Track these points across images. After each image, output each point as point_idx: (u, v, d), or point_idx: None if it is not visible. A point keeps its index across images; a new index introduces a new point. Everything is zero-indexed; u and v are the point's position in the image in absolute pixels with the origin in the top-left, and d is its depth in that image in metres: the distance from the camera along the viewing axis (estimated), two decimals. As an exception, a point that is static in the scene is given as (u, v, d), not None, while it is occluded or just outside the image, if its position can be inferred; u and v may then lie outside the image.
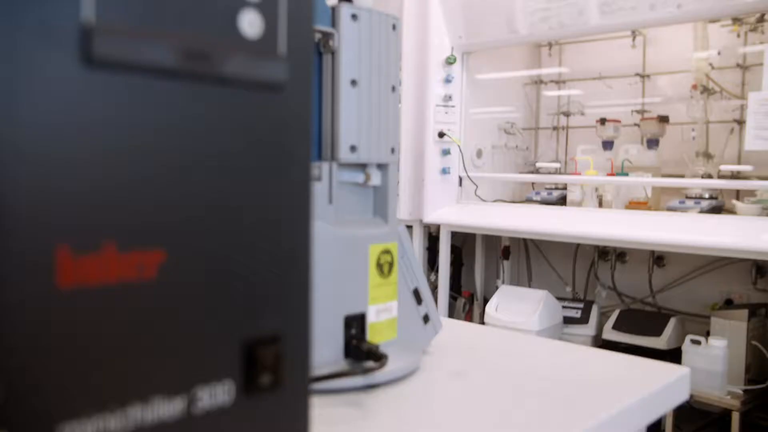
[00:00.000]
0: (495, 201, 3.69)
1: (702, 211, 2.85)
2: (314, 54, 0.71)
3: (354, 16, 0.71)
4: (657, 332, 3.05)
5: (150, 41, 0.35)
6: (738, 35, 3.10)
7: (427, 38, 3.43)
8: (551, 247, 3.74)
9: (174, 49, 0.36)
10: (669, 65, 3.40)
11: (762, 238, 2.54)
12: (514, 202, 3.78)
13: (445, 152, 3.45)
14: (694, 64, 3.06)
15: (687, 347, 2.77)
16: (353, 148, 0.72)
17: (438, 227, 3.55)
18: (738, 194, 3.20)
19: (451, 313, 3.59)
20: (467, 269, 4.05)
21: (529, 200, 3.43)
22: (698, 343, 2.73)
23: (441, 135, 3.41)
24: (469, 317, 3.51)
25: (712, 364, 2.69)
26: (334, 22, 0.71)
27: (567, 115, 3.71)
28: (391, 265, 0.76)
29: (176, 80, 0.36)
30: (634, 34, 3.41)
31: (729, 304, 3.21)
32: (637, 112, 3.44)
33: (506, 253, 3.80)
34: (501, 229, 3.39)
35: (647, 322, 3.15)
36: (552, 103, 3.88)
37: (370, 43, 0.73)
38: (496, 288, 3.81)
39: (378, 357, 0.68)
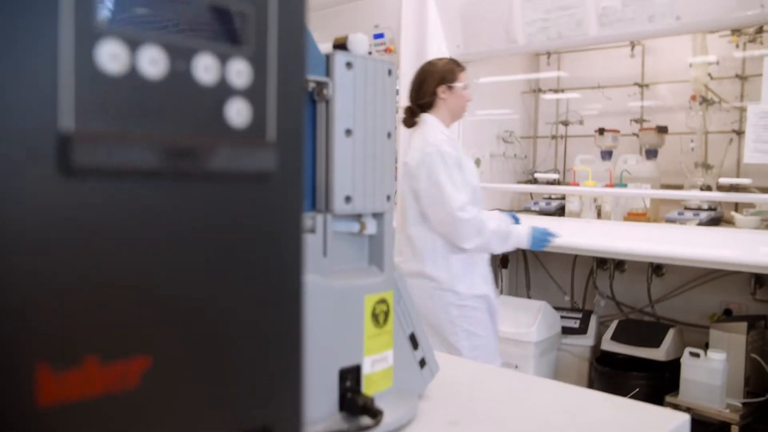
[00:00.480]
0: (493, 210, 3.68)
1: (701, 223, 2.84)
2: (308, 102, 0.70)
3: (349, 64, 0.70)
4: (656, 343, 3.05)
5: (131, 144, 0.34)
6: (737, 45, 3.09)
7: (425, 47, 3.42)
8: (550, 255, 3.72)
9: (156, 149, 0.35)
10: (668, 75, 3.39)
11: (760, 252, 2.53)
12: (512, 211, 3.76)
13: (444, 162, 3.44)
14: (693, 75, 3.05)
15: (686, 360, 2.76)
16: (348, 199, 0.70)
17: (436, 236, 3.54)
18: (737, 205, 3.20)
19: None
20: (465, 277, 4.04)
21: (527, 210, 3.42)
22: (697, 355, 2.73)
23: (439, 145, 3.39)
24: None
25: (711, 377, 2.68)
26: (328, 71, 0.70)
27: (566, 124, 3.70)
28: (386, 314, 0.75)
29: (159, 180, 0.35)
30: (632, 44, 3.40)
31: (728, 314, 3.20)
32: (636, 121, 3.43)
33: (505, 261, 3.79)
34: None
35: (646, 333, 3.14)
36: (551, 111, 3.87)
37: (365, 90, 0.71)
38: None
39: (374, 413, 0.67)
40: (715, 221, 2.94)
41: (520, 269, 3.91)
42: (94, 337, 0.33)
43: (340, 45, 0.72)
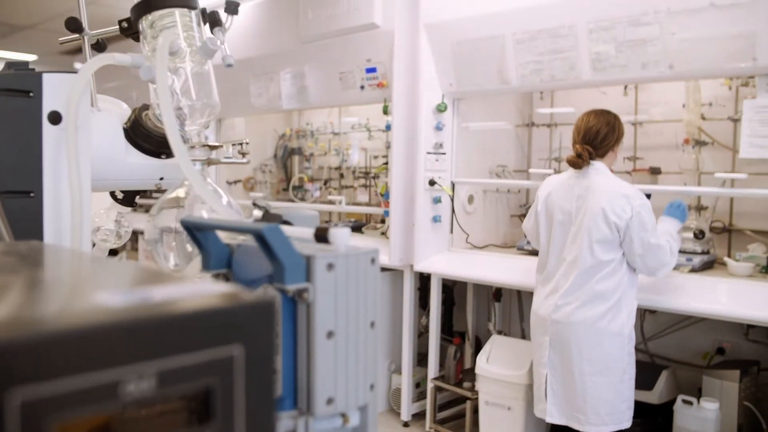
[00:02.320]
0: (486, 246, 3.67)
1: (694, 269, 2.83)
2: (289, 303, 0.68)
3: (330, 266, 0.68)
4: (649, 386, 3.04)
5: None
6: (730, 88, 3.08)
7: (418, 83, 3.40)
8: (543, 290, 3.72)
9: None
10: (661, 113, 3.38)
11: (752, 305, 2.52)
12: (505, 245, 3.76)
13: (436, 200, 3.42)
14: (687, 118, 3.04)
15: (679, 407, 2.76)
16: (330, 401, 0.69)
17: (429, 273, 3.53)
18: (729, 249, 3.19)
19: (442, 360, 3.56)
20: (459, 308, 4.04)
21: (520, 249, 3.40)
22: (690, 403, 2.72)
23: (432, 183, 3.38)
24: (460, 366, 3.48)
25: (703, 426, 2.68)
26: (308, 274, 0.68)
27: (558, 161, 3.69)
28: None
29: None
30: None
31: (721, 352, 3.20)
32: (629, 159, 3.42)
33: (498, 295, 3.78)
34: (490, 282, 3.38)
35: (640, 375, 3.10)
36: (544, 146, 3.85)
37: (347, 289, 0.70)
38: (488, 331, 3.80)
39: None
40: (708, 265, 2.94)
41: (513, 301, 3.90)
42: None
43: (321, 236, 0.70)
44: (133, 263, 0.61)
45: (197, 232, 0.74)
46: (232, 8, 0.91)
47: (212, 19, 0.92)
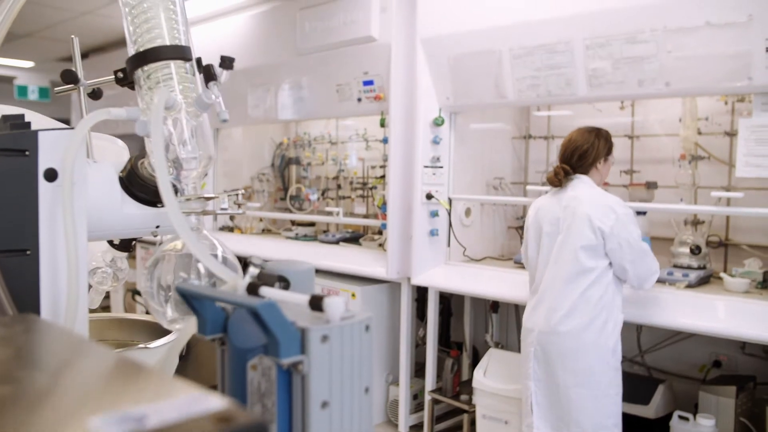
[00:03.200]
0: (483, 258, 3.68)
1: (690, 285, 2.84)
2: (283, 373, 0.69)
3: (324, 338, 0.69)
4: (645, 400, 3.05)
5: None
6: (726, 103, 3.09)
7: (415, 99, 3.41)
8: (540, 302, 3.72)
9: None
10: (658, 126, 3.39)
11: (749, 321, 2.53)
12: (502, 257, 3.76)
13: (434, 214, 3.43)
14: (683, 134, 3.04)
15: (675, 424, 2.77)
16: (325, 470, 0.69)
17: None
18: (726, 263, 3.20)
19: (440, 372, 3.57)
20: (456, 318, 4.04)
21: (517, 262, 3.41)
22: (686, 419, 2.73)
23: (429, 197, 3.39)
24: (457, 379, 3.49)
25: (700, 442, 2.69)
26: (303, 346, 0.68)
27: (556, 173, 3.68)
28: None
29: None
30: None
31: (717, 365, 3.21)
32: (626, 172, 3.42)
33: (495, 306, 3.78)
34: (488, 296, 3.39)
35: (636, 388, 3.13)
36: (541, 158, 3.86)
37: (342, 360, 0.70)
38: (486, 342, 3.80)
39: None
40: (704, 280, 2.94)
41: (510, 312, 3.90)
42: None
43: (316, 305, 0.71)
44: (122, 358, 0.61)
45: (192, 300, 0.75)
46: (227, 63, 0.91)
47: (207, 73, 0.92)
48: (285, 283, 0.89)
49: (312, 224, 4.62)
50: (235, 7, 4.50)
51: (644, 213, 3.15)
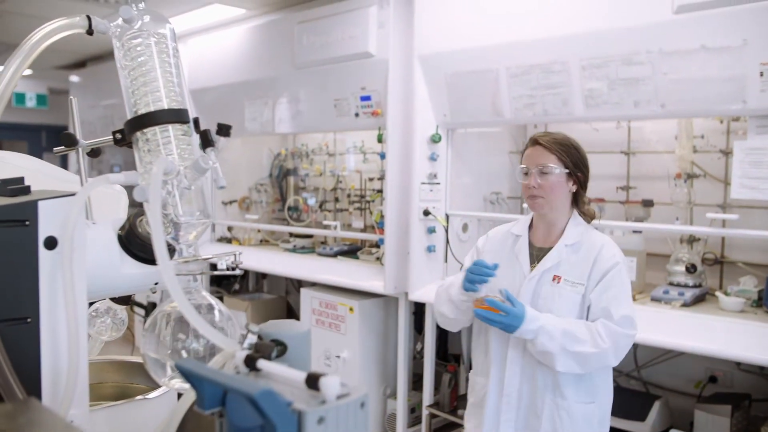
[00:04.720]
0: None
1: (685, 304, 2.86)
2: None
3: (320, 419, 0.70)
4: (641, 416, 3.06)
5: None
6: (721, 122, 3.11)
7: (413, 115, 3.42)
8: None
9: None
10: (654, 143, 3.40)
11: (744, 342, 2.55)
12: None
13: (431, 230, 3.44)
14: (679, 153, 3.06)
15: (670, 442, 2.79)
16: None
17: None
18: (721, 280, 3.22)
19: (437, 386, 3.58)
20: (454, 332, 4.04)
21: (514, 279, 3.42)
22: (682, 438, 2.75)
23: (426, 213, 3.40)
24: (454, 394, 3.51)
25: (695, 461, 2.71)
26: (300, 427, 0.70)
27: (552, 189, 3.70)
28: None
29: None
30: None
31: (713, 381, 3.23)
32: (622, 188, 3.44)
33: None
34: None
35: (632, 404, 3.14)
36: (537, 173, 3.86)
37: (337, 438, 0.72)
38: (483, 356, 3.81)
39: None
40: (700, 298, 2.96)
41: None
42: None
43: (312, 384, 0.72)
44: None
45: (191, 377, 0.76)
46: (224, 131, 0.92)
47: (204, 139, 0.94)
48: (282, 347, 0.91)
49: (310, 236, 4.63)
50: (234, 20, 4.51)
51: (640, 231, 3.17)
